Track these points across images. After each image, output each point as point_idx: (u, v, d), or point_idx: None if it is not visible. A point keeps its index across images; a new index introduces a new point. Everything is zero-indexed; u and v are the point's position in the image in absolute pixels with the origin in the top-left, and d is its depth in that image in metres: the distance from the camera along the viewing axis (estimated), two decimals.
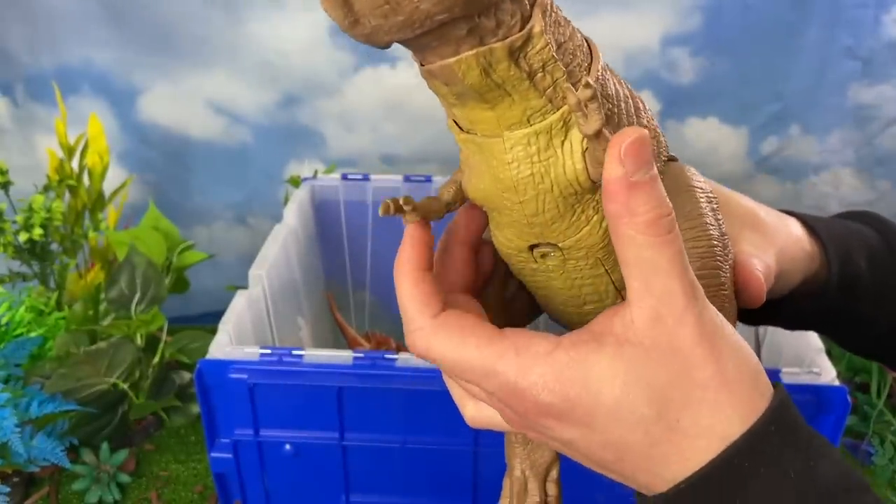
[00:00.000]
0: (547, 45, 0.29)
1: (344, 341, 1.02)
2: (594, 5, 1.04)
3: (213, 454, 0.72)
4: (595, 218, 0.33)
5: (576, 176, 0.31)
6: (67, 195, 1.03)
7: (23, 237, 0.98)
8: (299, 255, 0.94)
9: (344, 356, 0.68)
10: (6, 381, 0.89)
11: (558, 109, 0.30)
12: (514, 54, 0.29)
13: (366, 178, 1.01)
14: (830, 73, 1.10)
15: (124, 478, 0.89)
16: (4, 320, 1.00)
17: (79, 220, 1.04)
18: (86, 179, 1.03)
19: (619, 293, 0.36)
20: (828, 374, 0.67)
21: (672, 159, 0.39)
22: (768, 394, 0.31)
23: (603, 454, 0.31)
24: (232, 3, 1.03)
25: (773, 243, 0.44)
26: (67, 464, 0.84)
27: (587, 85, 0.29)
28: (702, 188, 0.38)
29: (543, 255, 0.35)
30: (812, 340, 0.71)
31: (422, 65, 0.30)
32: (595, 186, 0.32)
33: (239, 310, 0.75)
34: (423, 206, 0.35)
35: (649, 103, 0.37)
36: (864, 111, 1.13)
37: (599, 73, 0.32)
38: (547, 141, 0.31)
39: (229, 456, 0.72)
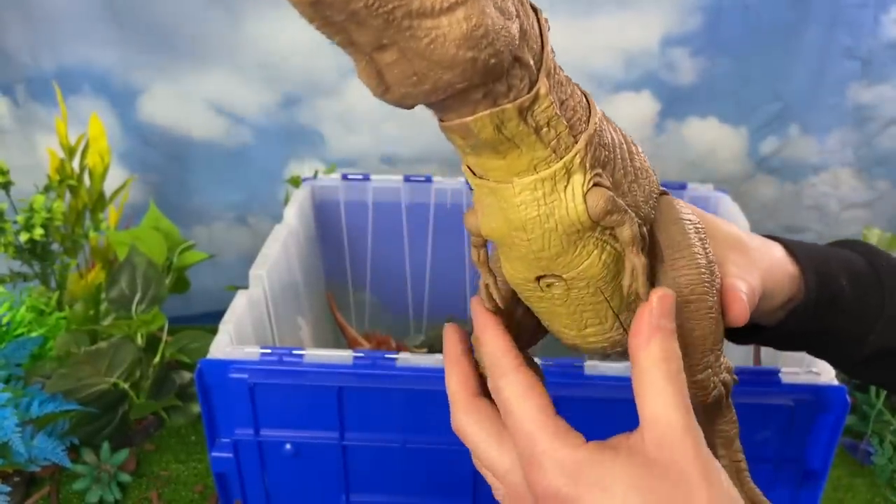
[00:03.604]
0: (551, 104, 0.33)
1: (344, 341, 1.02)
2: (594, 6, 1.04)
3: (214, 454, 0.72)
4: (595, 252, 0.37)
5: (577, 216, 0.35)
6: (68, 195, 1.03)
7: (24, 237, 0.98)
8: (300, 255, 0.94)
9: (344, 356, 0.68)
10: (7, 381, 0.89)
11: (561, 159, 0.35)
12: (523, 113, 0.33)
13: (366, 179, 1.01)
14: (830, 74, 1.10)
15: (125, 477, 0.89)
16: (5, 320, 1.00)
17: (79, 220, 1.04)
18: (86, 179, 1.03)
19: (617, 318, 0.41)
20: (827, 373, 0.67)
21: (663, 194, 0.43)
22: None
23: None
24: (232, 3, 1.03)
25: (758, 265, 0.47)
26: (68, 463, 0.84)
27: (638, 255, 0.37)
28: (690, 219, 0.42)
29: (549, 285, 0.39)
30: None
31: (441, 120, 0.34)
32: (594, 224, 0.36)
33: (239, 310, 0.75)
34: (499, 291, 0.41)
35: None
36: (863, 111, 1.13)
37: (597, 125, 0.36)
38: (551, 186, 0.35)
39: (230, 456, 0.72)
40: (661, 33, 1.06)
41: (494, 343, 0.40)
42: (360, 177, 1.01)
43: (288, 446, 0.71)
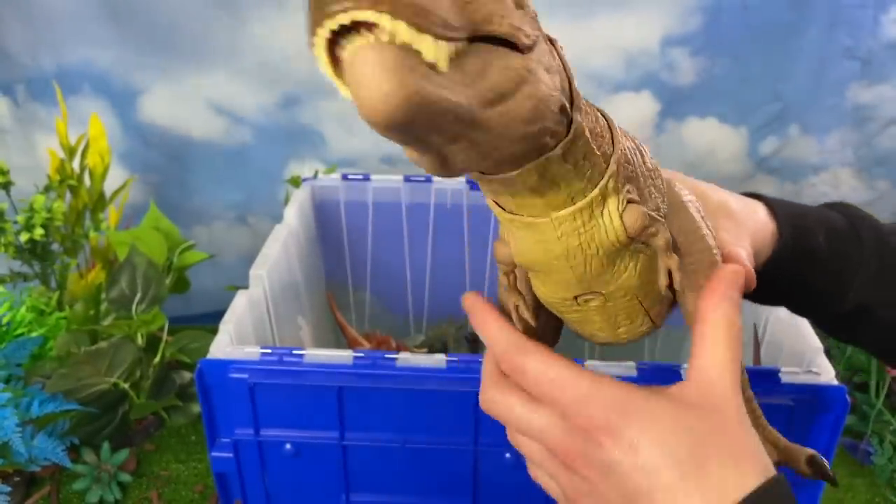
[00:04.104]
0: (587, 139, 0.34)
1: (344, 341, 1.02)
2: (594, 6, 1.04)
3: (214, 454, 0.72)
4: (631, 264, 0.39)
5: (616, 237, 0.36)
6: (68, 195, 1.03)
7: (24, 237, 0.98)
8: (300, 255, 0.94)
9: (344, 356, 0.68)
10: (7, 381, 0.89)
11: (596, 186, 0.35)
12: (566, 155, 0.33)
13: (366, 179, 1.01)
14: (829, 74, 1.10)
15: (125, 477, 0.89)
16: (5, 320, 1.00)
17: (80, 220, 1.04)
18: (87, 179, 1.03)
19: (647, 314, 0.42)
20: (827, 373, 0.67)
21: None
22: (770, 474, 0.36)
23: (637, 480, 0.35)
24: (232, 3, 1.03)
25: (746, 228, 0.49)
26: (68, 463, 0.84)
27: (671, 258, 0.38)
28: (691, 201, 0.43)
29: (587, 301, 0.40)
30: (811, 340, 0.71)
31: (483, 172, 0.33)
32: (631, 241, 0.37)
33: (239, 310, 0.75)
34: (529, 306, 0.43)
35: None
36: (863, 111, 1.13)
37: (622, 145, 0.37)
38: (589, 214, 0.35)
39: (230, 455, 0.72)
40: (661, 33, 1.06)
41: (502, 330, 0.41)
42: (361, 177, 1.01)
43: (288, 446, 0.71)
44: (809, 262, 0.51)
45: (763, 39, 1.07)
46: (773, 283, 0.51)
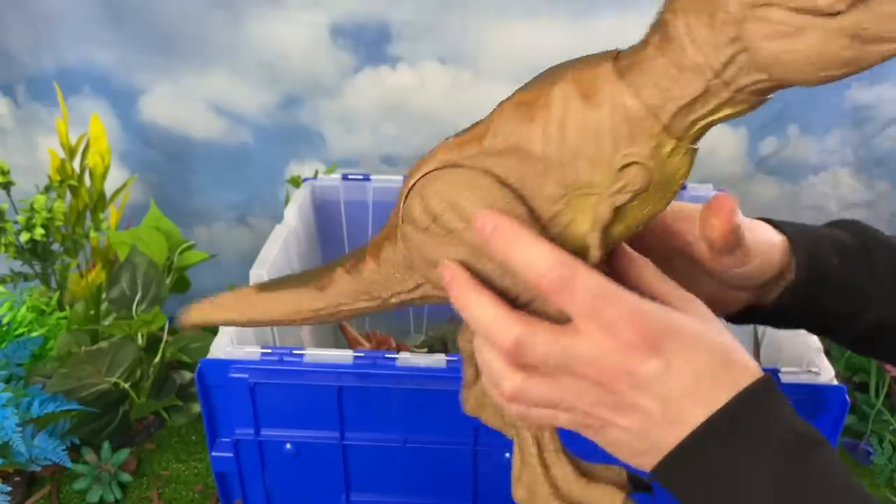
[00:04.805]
0: None
1: (344, 341, 1.02)
2: (594, 6, 1.04)
3: (214, 453, 0.72)
4: None
5: None
6: (69, 195, 1.03)
7: (24, 237, 0.98)
8: (300, 255, 0.94)
9: (344, 356, 0.69)
10: (8, 381, 0.89)
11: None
12: None
13: (366, 179, 1.01)
14: None
15: (125, 477, 0.89)
16: (6, 320, 1.00)
17: (80, 220, 1.04)
18: (87, 179, 1.03)
19: None
20: (826, 373, 0.67)
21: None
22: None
23: (679, 381, 0.38)
24: (232, 3, 1.03)
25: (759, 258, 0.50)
26: (69, 463, 0.84)
27: None
28: None
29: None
30: (810, 340, 0.71)
31: None
32: None
33: None
34: None
35: None
36: (862, 112, 1.13)
37: None
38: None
39: (230, 455, 0.72)
40: None
41: (543, 244, 0.39)
42: (361, 177, 1.01)
43: (288, 446, 0.71)
44: (824, 286, 0.51)
45: None
46: (788, 311, 0.51)
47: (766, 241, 0.50)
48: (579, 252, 0.40)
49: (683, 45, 0.35)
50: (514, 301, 0.41)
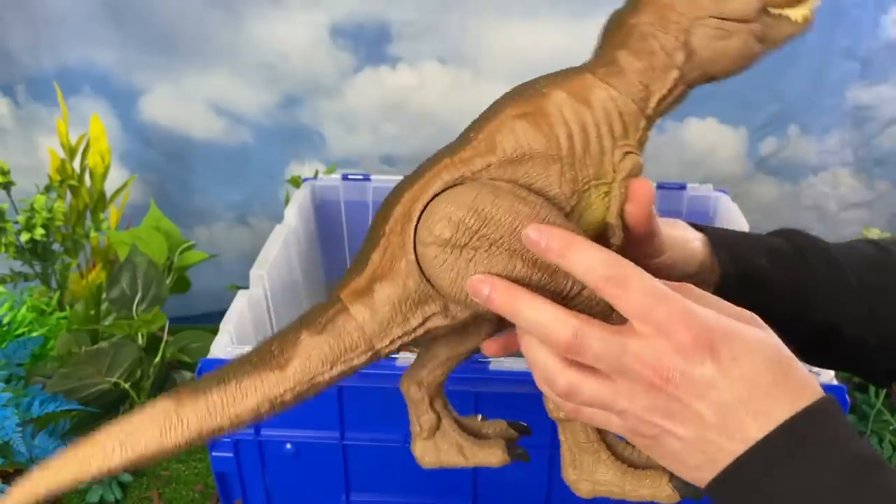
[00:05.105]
0: None
1: None
2: (594, 5, 1.04)
3: (214, 453, 0.72)
4: None
5: None
6: (69, 195, 1.03)
7: (24, 237, 0.98)
8: (300, 256, 0.94)
9: None
10: (8, 381, 0.89)
11: None
12: None
13: (366, 179, 1.01)
14: (829, 74, 1.10)
15: (125, 477, 0.89)
16: (6, 320, 1.00)
17: (80, 220, 1.04)
18: (87, 179, 1.04)
19: None
20: (826, 373, 0.67)
21: None
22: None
23: (734, 388, 0.37)
24: (232, 3, 1.03)
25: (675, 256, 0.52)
26: None
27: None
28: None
29: None
30: None
31: None
32: None
33: (240, 310, 0.75)
34: None
35: None
36: (862, 112, 1.13)
37: None
38: None
39: (230, 455, 0.72)
40: None
41: (595, 246, 0.40)
42: (361, 177, 1.01)
43: (288, 446, 0.71)
44: (760, 288, 0.52)
45: None
46: None
47: (682, 237, 0.52)
48: (598, 237, 0.44)
49: (654, 51, 0.44)
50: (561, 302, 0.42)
